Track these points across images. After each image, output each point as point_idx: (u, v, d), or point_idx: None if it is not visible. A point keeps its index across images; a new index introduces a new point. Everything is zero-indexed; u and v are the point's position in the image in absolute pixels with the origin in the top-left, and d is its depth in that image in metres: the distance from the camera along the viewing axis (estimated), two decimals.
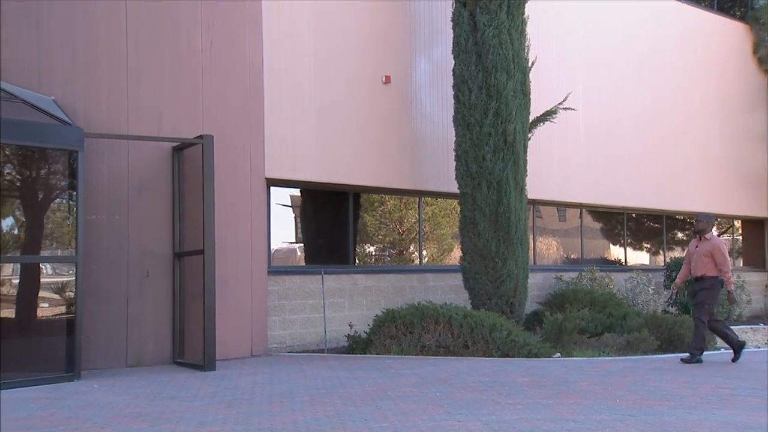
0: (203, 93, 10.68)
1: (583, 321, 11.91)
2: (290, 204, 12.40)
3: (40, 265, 9.42)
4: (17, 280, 9.24)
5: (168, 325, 10.28)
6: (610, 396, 7.31)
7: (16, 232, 9.36)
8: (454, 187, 12.54)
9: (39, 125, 8.78)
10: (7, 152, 8.93)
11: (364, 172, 12.54)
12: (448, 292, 13.37)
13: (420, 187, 13.35)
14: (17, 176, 9.36)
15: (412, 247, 13.86)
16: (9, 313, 9.11)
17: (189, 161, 10.28)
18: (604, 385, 8.03)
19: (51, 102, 9.59)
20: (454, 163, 12.40)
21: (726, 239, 20.40)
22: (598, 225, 17.50)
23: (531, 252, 14.17)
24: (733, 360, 10.17)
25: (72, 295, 9.05)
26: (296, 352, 11.51)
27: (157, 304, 10.22)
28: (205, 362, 9.46)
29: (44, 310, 9.49)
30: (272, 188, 11.63)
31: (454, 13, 12.42)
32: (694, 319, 10.25)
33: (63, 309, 9.34)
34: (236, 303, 10.73)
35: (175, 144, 10.30)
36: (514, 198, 12.05)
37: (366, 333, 11.39)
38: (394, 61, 12.98)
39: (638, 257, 18.32)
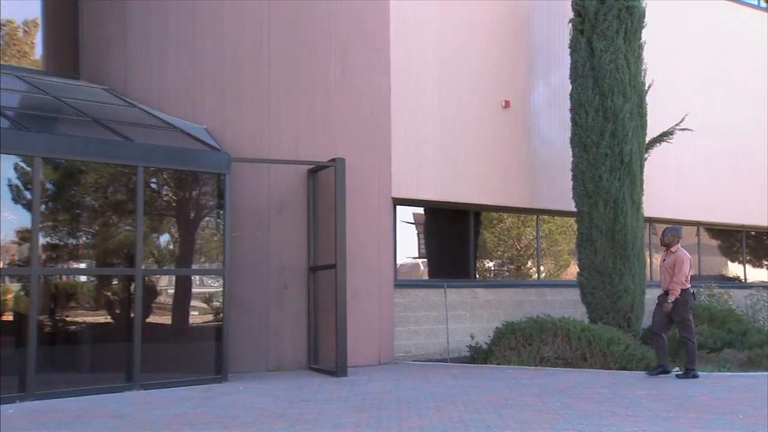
0: (335, 118, 10.98)
1: (702, 336, 11.45)
2: (414, 221, 12.54)
3: (191, 277, 9.94)
4: (172, 291, 9.78)
5: (304, 333, 10.59)
6: (733, 411, 7.00)
7: (171, 247, 9.92)
8: (570, 206, 12.36)
9: (192, 151, 9.31)
10: (165, 176, 9.50)
11: (484, 191, 12.52)
12: (566, 306, 13.13)
13: (537, 206, 13.22)
14: (173, 197, 9.92)
15: (529, 263, 13.73)
16: (166, 320, 9.66)
17: (322, 182, 10.59)
18: (726, 401, 7.69)
19: (203, 130, 10.14)
20: (571, 182, 12.24)
21: None
22: (715, 242, 16.75)
23: (647, 269, 13.75)
24: (649, 373, 9.68)
25: (219, 304, 9.50)
26: (420, 361, 11.59)
27: (294, 314, 10.55)
28: (338, 369, 9.68)
29: (195, 318, 9.99)
30: (398, 207, 11.80)
31: (571, 40, 12.29)
32: (681, 338, 9.71)
33: (211, 317, 9.80)
34: (365, 314, 10.91)
35: (310, 167, 10.64)
36: (631, 216, 11.79)
37: (487, 344, 11.35)
38: (513, 85, 12.94)
39: (758, 274, 17.38)
